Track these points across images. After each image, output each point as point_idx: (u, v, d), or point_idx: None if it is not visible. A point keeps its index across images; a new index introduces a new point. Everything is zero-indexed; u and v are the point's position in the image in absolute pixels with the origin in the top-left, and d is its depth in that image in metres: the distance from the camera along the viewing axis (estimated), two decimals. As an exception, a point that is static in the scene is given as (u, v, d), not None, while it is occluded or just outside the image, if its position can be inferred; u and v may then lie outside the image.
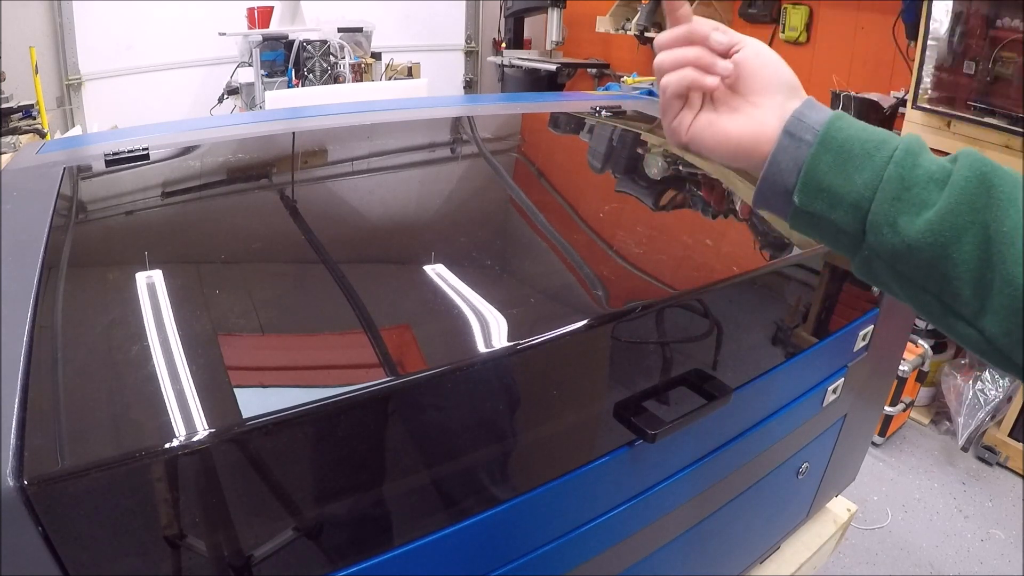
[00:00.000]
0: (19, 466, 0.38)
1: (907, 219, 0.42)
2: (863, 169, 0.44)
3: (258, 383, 0.51)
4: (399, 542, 0.53)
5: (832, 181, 0.45)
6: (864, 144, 0.45)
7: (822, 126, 0.46)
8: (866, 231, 0.44)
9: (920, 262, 0.43)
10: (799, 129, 0.47)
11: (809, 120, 0.47)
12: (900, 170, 0.43)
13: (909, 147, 0.44)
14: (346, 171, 1.04)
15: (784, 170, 0.47)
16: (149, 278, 0.59)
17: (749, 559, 1.04)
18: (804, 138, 0.46)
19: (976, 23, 2.08)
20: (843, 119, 0.46)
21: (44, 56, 3.20)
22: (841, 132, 0.46)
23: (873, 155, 0.44)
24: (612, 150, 1.22)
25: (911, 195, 0.42)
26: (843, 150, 0.45)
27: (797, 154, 0.47)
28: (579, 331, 0.58)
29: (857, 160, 0.44)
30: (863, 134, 0.45)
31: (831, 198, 0.45)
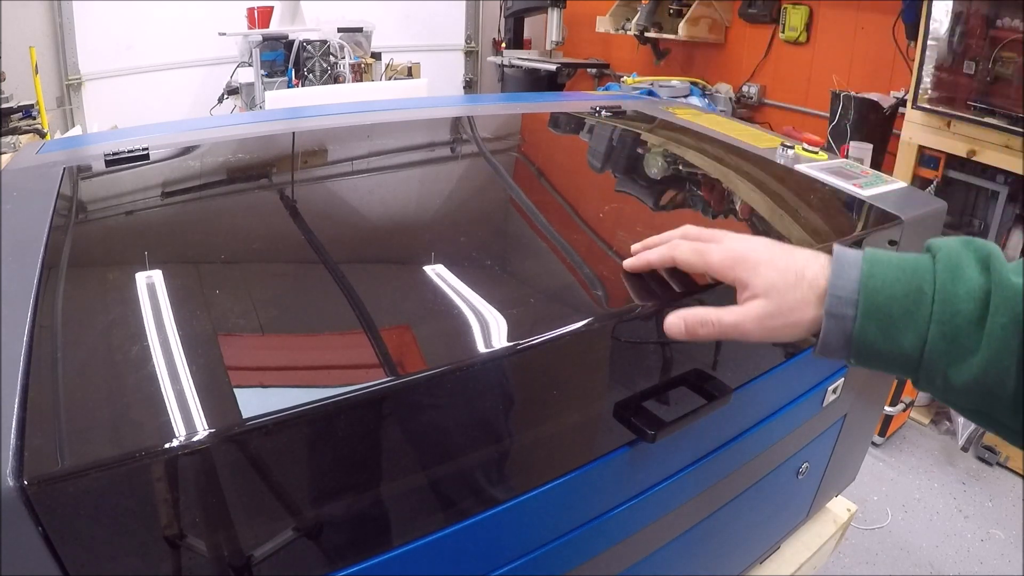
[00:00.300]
0: (19, 466, 0.38)
1: (955, 369, 0.45)
2: (907, 330, 0.47)
3: (258, 383, 0.51)
4: (399, 542, 0.53)
5: (881, 347, 0.48)
6: (903, 302, 0.47)
7: (859, 294, 0.48)
8: (919, 379, 0.48)
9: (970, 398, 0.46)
10: (839, 306, 0.49)
11: (844, 292, 0.49)
12: (941, 327, 0.45)
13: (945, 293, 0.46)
14: (346, 171, 1.04)
15: (835, 344, 0.50)
16: (149, 278, 0.59)
17: (749, 559, 1.04)
18: (846, 313, 0.49)
19: (976, 23, 2.08)
20: (875, 276, 0.48)
21: (44, 56, 3.21)
22: (878, 295, 0.47)
23: (914, 312, 0.46)
24: (612, 150, 1.22)
25: (956, 347, 0.45)
26: (884, 315, 0.47)
27: (843, 327, 0.49)
28: (579, 331, 0.58)
29: (900, 323, 0.47)
30: (899, 288, 0.47)
31: (883, 360, 0.48)
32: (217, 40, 3.40)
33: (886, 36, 2.64)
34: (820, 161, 1.08)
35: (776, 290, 0.51)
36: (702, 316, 0.54)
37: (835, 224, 0.88)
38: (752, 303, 0.53)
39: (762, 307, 0.52)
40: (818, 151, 1.11)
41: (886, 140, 2.56)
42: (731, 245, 0.55)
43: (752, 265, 0.53)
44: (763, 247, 0.54)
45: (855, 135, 2.49)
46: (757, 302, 0.52)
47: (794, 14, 3.05)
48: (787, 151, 1.10)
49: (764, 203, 0.96)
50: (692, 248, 0.56)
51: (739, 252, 0.54)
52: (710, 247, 0.56)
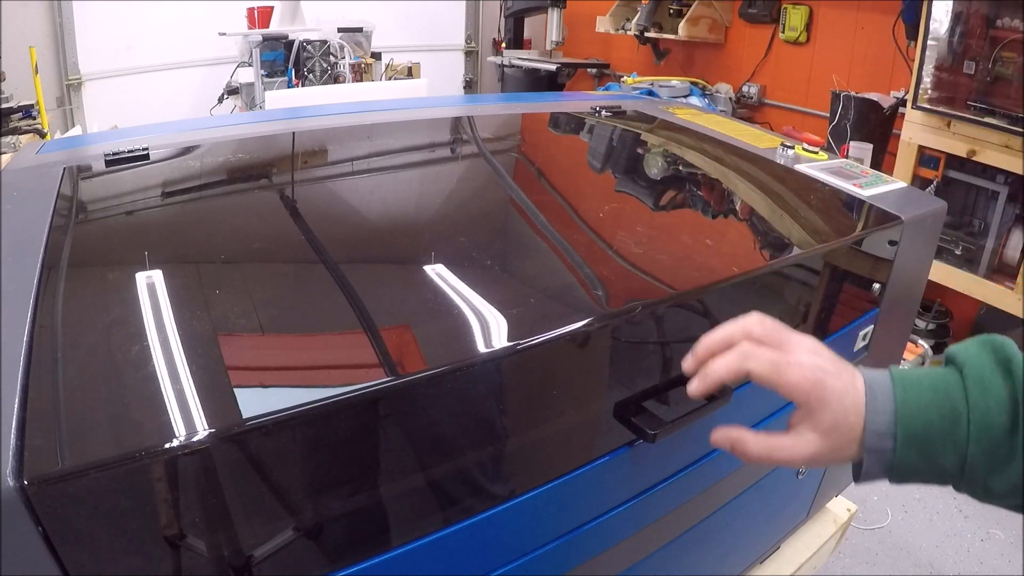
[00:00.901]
0: (19, 466, 0.38)
1: (994, 478, 0.46)
2: (947, 452, 0.47)
3: (258, 383, 0.51)
4: (399, 542, 0.53)
5: (921, 468, 0.48)
6: (939, 424, 0.47)
7: (896, 426, 0.48)
8: (959, 487, 0.49)
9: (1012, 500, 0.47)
10: (877, 441, 0.49)
11: (881, 425, 0.49)
12: (980, 444, 0.46)
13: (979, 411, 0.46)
14: (346, 171, 1.04)
15: (876, 475, 0.50)
16: (149, 278, 0.59)
17: (749, 559, 1.04)
18: (884, 447, 0.49)
19: (976, 23, 2.08)
20: (908, 403, 0.48)
21: (44, 56, 3.20)
22: (914, 422, 0.48)
23: (951, 433, 0.47)
24: (612, 150, 1.22)
25: (993, 459, 0.46)
26: (923, 441, 0.48)
27: (883, 459, 0.49)
28: (579, 331, 0.58)
29: (939, 446, 0.47)
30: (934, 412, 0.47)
31: (923, 478, 0.49)
32: (217, 40, 3.40)
33: (886, 36, 2.64)
34: (820, 161, 1.08)
35: (838, 431, 0.50)
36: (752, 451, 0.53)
37: (835, 224, 0.88)
38: (807, 439, 0.51)
39: (818, 446, 0.50)
40: (818, 151, 1.11)
41: (886, 140, 2.56)
42: (805, 361, 0.51)
43: (826, 397, 0.50)
44: (835, 369, 0.51)
45: (855, 135, 2.49)
46: (815, 439, 0.50)
47: (794, 14, 3.05)
48: (787, 151, 1.10)
49: (764, 203, 0.96)
50: (771, 361, 0.51)
51: (816, 376, 0.50)
52: (788, 361, 0.51)
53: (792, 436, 0.52)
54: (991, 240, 2.16)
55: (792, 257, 0.80)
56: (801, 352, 0.52)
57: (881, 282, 0.89)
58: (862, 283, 0.89)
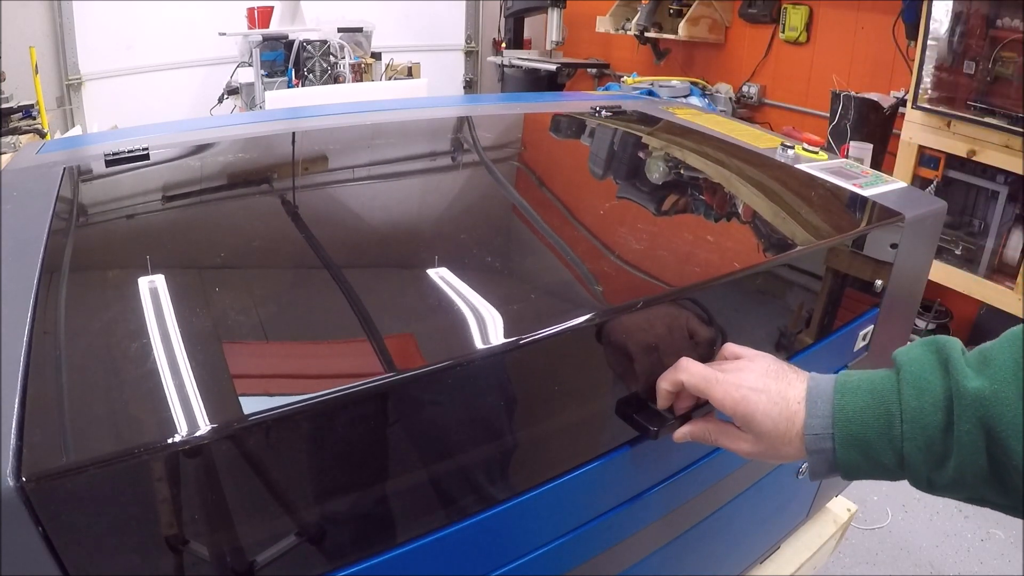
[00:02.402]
0: (18, 465, 0.38)
1: (935, 474, 0.50)
2: (885, 450, 0.51)
3: (258, 379, 0.51)
4: (399, 542, 0.53)
5: (864, 466, 0.53)
6: (875, 426, 0.51)
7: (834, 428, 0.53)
8: (908, 481, 0.52)
9: (957, 493, 0.50)
10: (817, 443, 0.54)
11: (819, 428, 0.54)
12: (914, 443, 0.50)
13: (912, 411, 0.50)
14: (346, 171, 1.04)
15: (822, 471, 0.55)
16: (149, 278, 0.59)
17: (749, 559, 1.04)
18: (824, 447, 0.54)
19: (976, 23, 2.08)
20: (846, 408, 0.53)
21: (44, 56, 3.21)
22: (851, 424, 0.52)
23: (887, 434, 0.51)
24: (612, 150, 1.22)
25: (931, 455, 0.49)
26: (861, 441, 0.52)
27: (825, 458, 0.54)
28: (581, 328, 0.58)
29: (876, 445, 0.51)
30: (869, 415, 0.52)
31: (870, 474, 0.53)
32: (217, 40, 3.40)
33: (886, 36, 2.64)
34: (820, 161, 1.08)
35: (768, 438, 0.56)
36: (705, 435, 0.62)
37: (836, 224, 0.88)
38: (746, 439, 0.59)
39: (753, 447, 0.58)
40: (818, 151, 1.11)
41: (886, 140, 2.56)
42: (732, 380, 0.58)
43: (750, 412, 0.56)
44: (760, 385, 0.57)
45: (855, 135, 2.49)
46: (750, 441, 0.58)
47: (794, 14, 3.05)
48: (787, 151, 1.10)
49: (765, 203, 0.96)
50: (702, 376, 0.59)
51: (740, 394, 0.57)
52: (718, 379, 0.59)
53: (737, 432, 0.60)
54: (991, 240, 2.16)
55: (792, 257, 0.80)
56: (736, 373, 0.59)
57: (881, 282, 0.89)
58: (862, 283, 0.89)
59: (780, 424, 0.56)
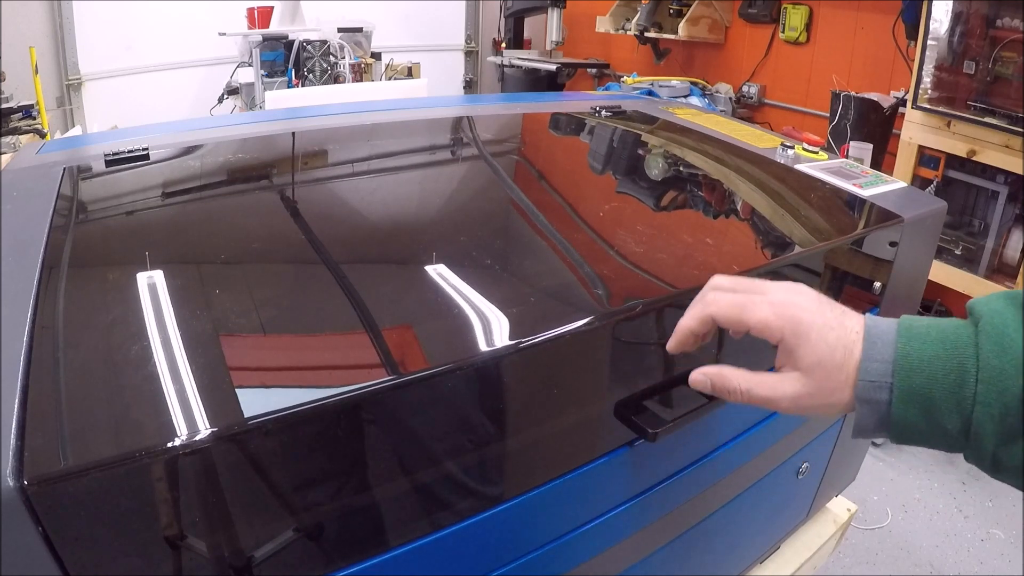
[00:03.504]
0: (19, 466, 0.38)
1: (1005, 450, 0.42)
2: (950, 413, 0.42)
3: (259, 383, 0.51)
4: (399, 542, 0.53)
5: (922, 429, 0.44)
6: (944, 382, 0.42)
7: (894, 376, 0.44)
8: (967, 457, 0.44)
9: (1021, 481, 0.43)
10: (871, 391, 0.45)
11: (877, 375, 0.44)
12: (987, 409, 0.41)
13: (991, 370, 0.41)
14: (346, 171, 1.04)
15: (871, 429, 0.46)
16: (149, 278, 0.59)
17: (749, 559, 1.04)
18: (879, 398, 0.44)
19: (976, 23, 2.08)
20: (911, 355, 0.44)
21: (44, 56, 3.20)
22: (915, 376, 0.43)
23: (956, 394, 0.42)
24: (612, 150, 1.22)
25: (1005, 428, 0.41)
26: (924, 398, 0.43)
27: (877, 412, 0.45)
28: (580, 330, 0.58)
29: (941, 405, 0.43)
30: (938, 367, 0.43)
31: (926, 440, 0.45)
32: (217, 40, 3.40)
33: (886, 36, 2.64)
34: (820, 161, 1.08)
35: (822, 368, 0.46)
36: (730, 382, 0.51)
37: (836, 224, 0.88)
38: (790, 378, 0.48)
39: (801, 386, 0.47)
40: (818, 151, 1.11)
41: (886, 140, 2.56)
42: (778, 298, 0.48)
43: (803, 331, 0.46)
44: (814, 307, 0.47)
45: (855, 135, 2.49)
46: (796, 379, 0.47)
47: (794, 14, 3.05)
48: (787, 151, 1.10)
49: (765, 203, 0.96)
50: (731, 302, 0.49)
51: (789, 310, 0.47)
52: (753, 299, 0.48)
53: (776, 375, 0.49)
54: (991, 240, 2.16)
55: (792, 256, 0.80)
56: (773, 291, 0.49)
57: (881, 282, 0.89)
58: (862, 283, 0.89)
59: (837, 353, 0.45)
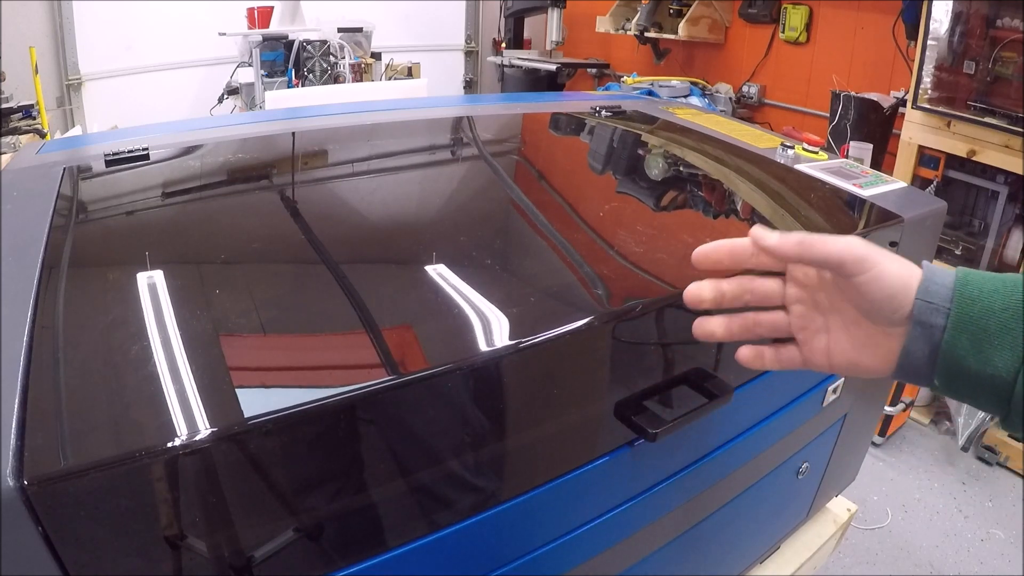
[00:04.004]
0: (19, 466, 0.38)
1: None
2: (1003, 347, 0.42)
3: (259, 383, 0.51)
4: (399, 542, 0.53)
5: (971, 365, 0.43)
6: (1000, 316, 0.42)
7: (952, 302, 0.43)
8: (1009, 414, 0.43)
9: None
10: (928, 314, 0.44)
11: (937, 297, 0.44)
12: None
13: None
14: (346, 171, 1.04)
15: (919, 358, 0.45)
16: (149, 278, 0.59)
17: (749, 559, 1.04)
18: (935, 322, 0.44)
19: (976, 23, 2.08)
20: (970, 284, 0.44)
21: (44, 56, 3.20)
22: (974, 306, 0.43)
23: (1012, 327, 0.42)
24: (613, 150, 1.22)
25: None
26: (979, 328, 0.42)
27: (930, 337, 0.44)
28: (580, 330, 0.58)
29: (995, 338, 0.42)
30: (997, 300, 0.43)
31: (972, 384, 0.43)
32: (217, 40, 3.40)
33: (886, 36, 2.64)
34: (820, 161, 1.08)
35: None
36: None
37: (836, 224, 0.88)
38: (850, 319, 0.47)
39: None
40: (818, 151, 1.11)
41: (886, 140, 2.56)
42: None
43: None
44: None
45: (855, 135, 2.49)
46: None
47: (794, 14, 3.05)
48: (787, 151, 1.10)
49: (765, 203, 0.96)
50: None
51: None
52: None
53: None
54: (991, 240, 2.16)
55: (792, 257, 0.80)
56: None
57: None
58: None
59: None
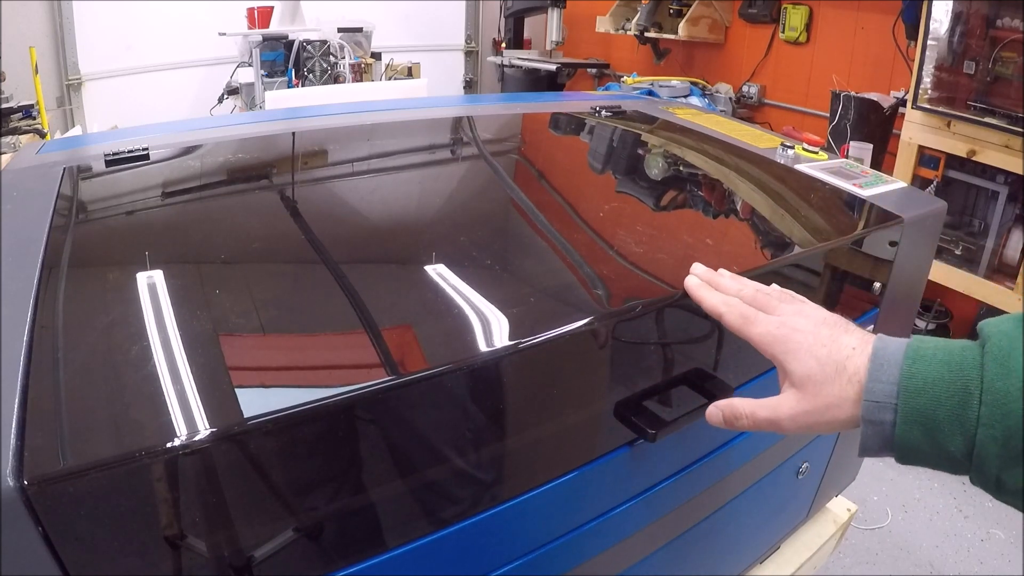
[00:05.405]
0: (19, 466, 0.38)
1: (1009, 473, 0.42)
2: (953, 435, 0.43)
3: (259, 383, 0.51)
4: (399, 542, 0.53)
5: (926, 450, 0.44)
6: (948, 404, 0.43)
7: (898, 397, 0.45)
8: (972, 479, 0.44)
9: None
10: (875, 412, 0.46)
11: (882, 395, 0.45)
12: (991, 431, 0.41)
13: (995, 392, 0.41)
14: (346, 171, 1.04)
15: (875, 448, 0.47)
16: (149, 278, 0.59)
17: (749, 559, 1.04)
18: (884, 419, 0.45)
19: (976, 23, 2.08)
20: (915, 376, 0.44)
21: (44, 56, 3.20)
22: (919, 397, 0.44)
23: (960, 415, 0.42)
24: (612, 150, 1.22)
25: (1009, 451, 0.41)
26: (927, 419, 0.43)
27: (882, 433, 0.46)
28: (579, 330, 0.58)
29: (945, 427, 0.43)
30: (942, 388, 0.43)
31: (930, 462, 0.45)
32: (217, 40, 3.40)
33: (886, 36, 2.64)
34: (820, 161, 1.08)
35: (813, 383, 0.49)
36: (737, 410, 0.54)
37: (835, 224, 0.88)
38: (787, 396, 0.51)
39: (796, 402, 0.50)
40: (818, 151, 1.11)
41: (886, 140, 2.56)
42: (779, 320, 0.53)
43: (792, 349, 0.50)
44: (810, 328, 0.51)
45: (855, 135, 2.49)
46: (791, 396, 0.50)
47: (794, 14, 3.05)
48: (787, 151, 1.10)
49: (765, 203, 0.96)
50: (741, 314, 0.55)
51: (782, 331, 0.52)
52: (758, 317, 0.54)
53: (775, 397, 0.52)
54: (991, 240, 2.16)
55: (792, 257, 0.80)
56: (784, 311, 0.54)
57: (881, 282, 0.89)
58: (862, 283, 0.89)
59: (827, 368, 0.48)
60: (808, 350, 0.49)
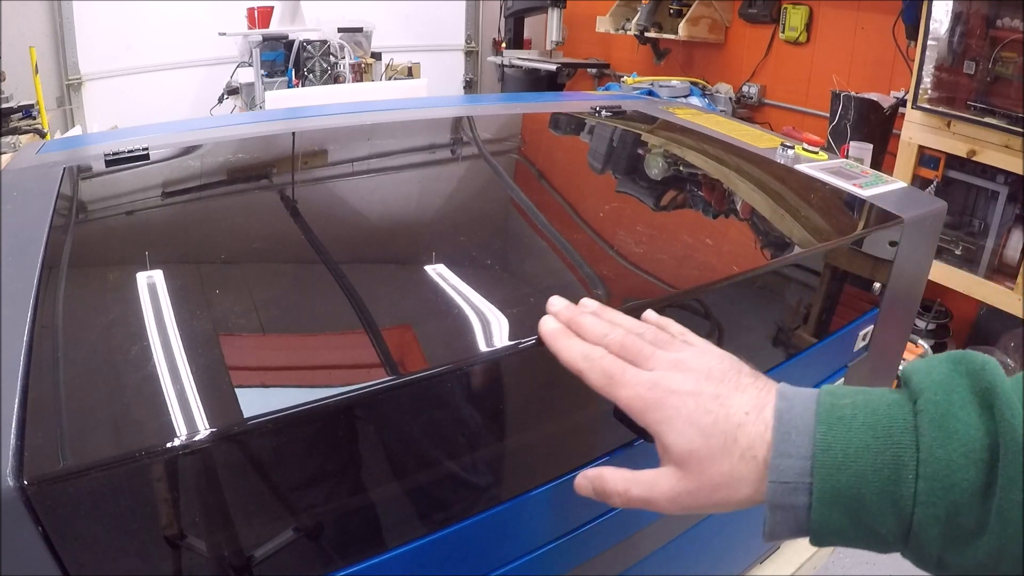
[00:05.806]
0: (19, 466, 0.38)
1: (953, 553, 0.34)
2: (885, 516, 0.35)
3: (259, 383, 0.51)
4: (399, 542, 0.53)
5: (851, 532, 0.36)
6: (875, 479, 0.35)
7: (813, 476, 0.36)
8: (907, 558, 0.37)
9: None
10: (785, 495, 0.37)
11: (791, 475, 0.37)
12: (932, 509, 0.34)
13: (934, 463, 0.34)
14: (346, 171, 1.04)
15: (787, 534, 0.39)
16: (149, 278, 0.59)
17: (749, 559, 1.04)
18: (796, 503, 0.37)
19: (976, 23, 2.08)
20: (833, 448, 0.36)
21: (44, 56, 3.20)
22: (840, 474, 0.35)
23: (893, 492, 0.34)
24: (612, 150, 1.22)
25: (953, 529, 0.33)
26: (851, 499, 0.35)
27: (795, 517, 0.38)
28: (579, 331, 0.58)
29: (873, 508, 0.35)
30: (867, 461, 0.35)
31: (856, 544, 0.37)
32: (217, 40, 3.40)
33: (886, 36, 2.64)
34: (820, 161, 1.08)
35: (696, 459, 0.39)
36: (608, 485, 0.45)
37: (836, 224, 0.88)
38: (666, 473, 0.41)
39: (676, 482, 0.41)
40: (818, 151, 1.11)
41: (886, 140, 2.56)
42: (651, 379, 0.42)
43: (668, 417, 0.40)
44: (690, 387, 0.41)
45: (855, 135, 2.49)
46: (671, 473, 0.41)
47: (794, 14, 3.05)
48: (787, 151, 1.10)
49: (764, 203, 0.96)
50: (603, 371, 0.44)
51: (654, 394, 0.41)
52: (625, 375, 0.43)
53: (654, 470, 0.43)
54: (991, 240, 2.16)
55: (792, 257, 0.80)
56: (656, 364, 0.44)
57: (881, 282, 0.89)
58: (862, 283, 0.89)
59: (713, 441, 0.39)
60: (688, 418, 0.40)
